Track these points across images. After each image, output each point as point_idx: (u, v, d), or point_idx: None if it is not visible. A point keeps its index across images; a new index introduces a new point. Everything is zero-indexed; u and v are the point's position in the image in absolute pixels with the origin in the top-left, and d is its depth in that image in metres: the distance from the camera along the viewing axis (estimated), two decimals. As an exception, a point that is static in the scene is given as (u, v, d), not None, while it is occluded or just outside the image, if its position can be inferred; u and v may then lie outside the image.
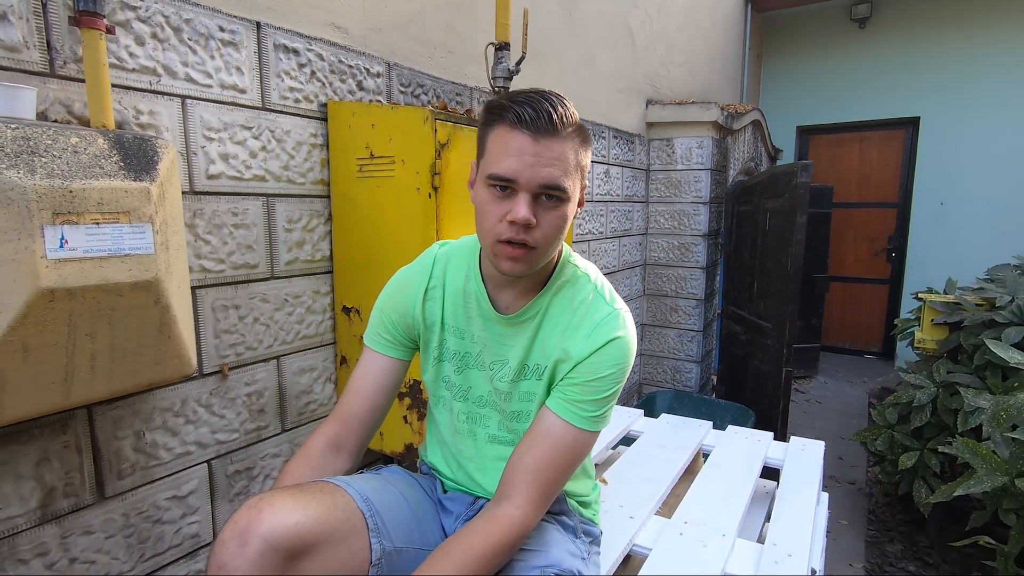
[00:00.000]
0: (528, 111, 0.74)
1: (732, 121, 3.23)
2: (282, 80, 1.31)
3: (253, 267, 1.29)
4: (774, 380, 2.79)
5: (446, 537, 0.91)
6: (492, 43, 1.70)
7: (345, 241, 1.43)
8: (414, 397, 1.36)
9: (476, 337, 0.90)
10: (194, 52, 1.14)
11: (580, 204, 0.83)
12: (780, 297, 2.74)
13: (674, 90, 3.44)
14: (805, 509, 1.22)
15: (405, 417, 1.38)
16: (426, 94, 1.71)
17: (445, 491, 0.96)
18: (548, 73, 2.30)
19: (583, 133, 0.79)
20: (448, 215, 1.28)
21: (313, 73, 1.38)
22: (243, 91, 1.23)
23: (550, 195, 0.76)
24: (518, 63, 1.71)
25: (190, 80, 1.14)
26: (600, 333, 0.82)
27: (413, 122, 1.25)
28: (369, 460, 1.61)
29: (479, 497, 0.93)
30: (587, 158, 0.81)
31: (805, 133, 5.21)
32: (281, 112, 1.31)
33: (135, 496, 1.12)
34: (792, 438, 1.62)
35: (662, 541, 1.13)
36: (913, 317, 3.09)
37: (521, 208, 0.74)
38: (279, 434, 1.39)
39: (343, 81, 1.45)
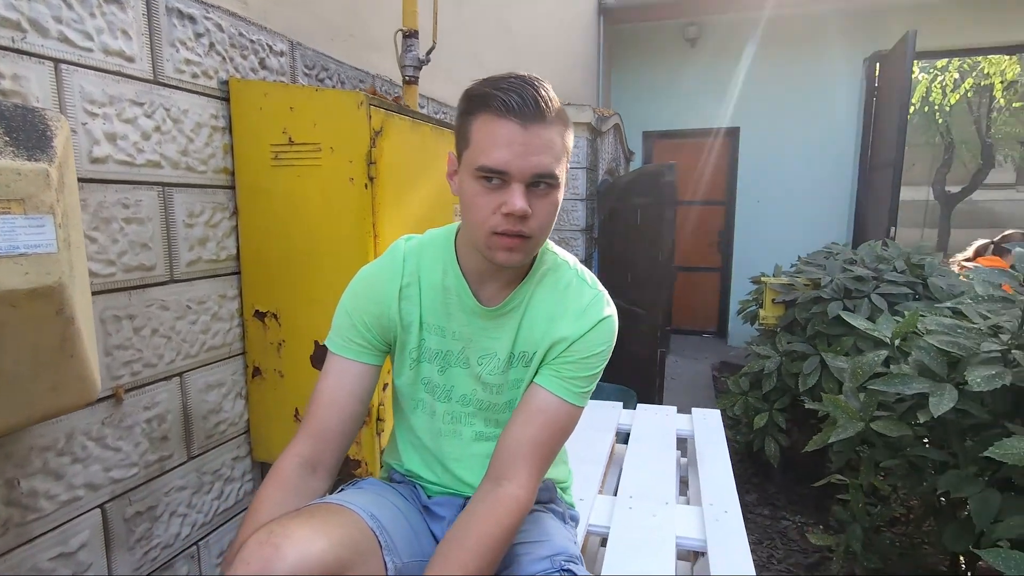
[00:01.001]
0: (515, 98, 0.72)
1: (601, 123, 3.47)
2: (177, 50, 1.12)
3: (149, 269, 1.09)
4: (649, 361, 3.07)
5: (437, 544, 0.87)
6: (401, 30, 1.63)
7: (255, 237, 1.28)
8: (349, 405, 1.26)
9: (458, 334, 0.86)
10: (69, 6, 0.93)
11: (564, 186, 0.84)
12: (653, 285, 3.01)
13: (557, 91, 3.59)
14: (724, 470, 1.38)
15: (338, 427, 1.27)
16: (331, 78, 1.58)
17: (429, 496, 0.91)
18: (440, 68, 2.26)
19: (565, 115, 0.79)
20: (384, 206, 1.21)
21: (212, 45, 1.20)
22: (131, 59, 1.04)
23: (541, 182, 0.75)
24: (428, 52, 1.66)
25: (65, 40, 0.93)
26: (590, 314, 0.84)
27: (345, 107, 1.15)
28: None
29: (469, 497, 0.90)
30: (571, 140, 0.82)
31: (650, 137, 5.77)
32: (177, 88, 1.13)
33: (8, 562, 0.89)
34: (694, 410, 1.81)
35: (616, 517, 1.19)
36: (752, 298, 3.61)
37: (518, 200, 0.72)
38: (185, 463, 1.20)
39: (245, 57, 1.29)
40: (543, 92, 0.74)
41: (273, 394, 1.32)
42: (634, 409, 1.86)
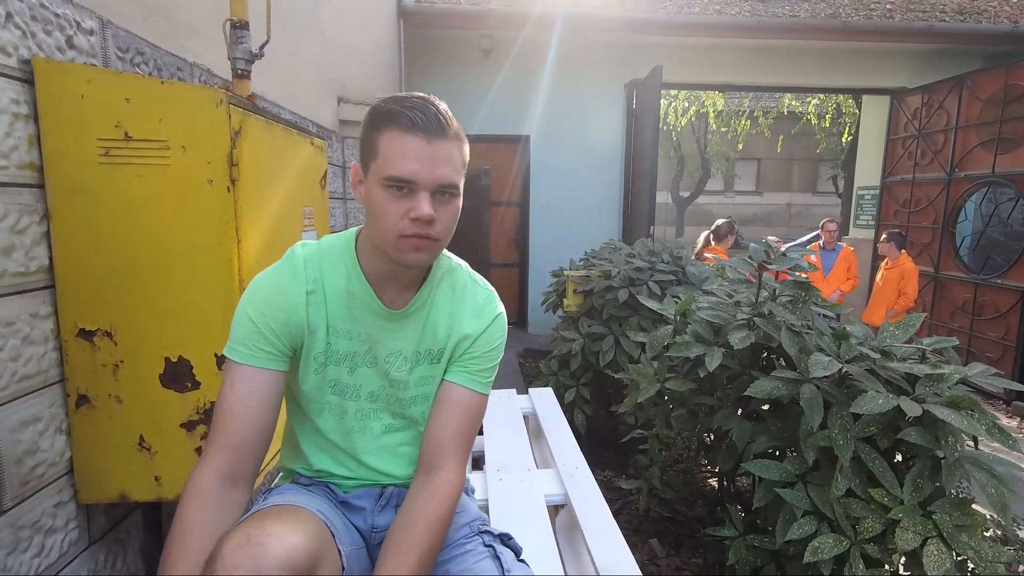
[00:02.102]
0: (419, 115, 0.81)
1: (415, 126, 3.55)
2: (-34, 19, 0.92)
3: (-58, 287, 0.88)
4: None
5: (361, 535, 0.91)
6: (230, 19, 1.52)
7: (77, 245, 1.10)
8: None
9: (364, 335, 0.91)
10: None
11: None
12: (474, 281, 3.21)
13: (358, 91, 3.55)
14: (567, 436, 1.62)
15: (199, 450, 1.18)
16: (147, 63, 1.41)
17: (345, 492, 0.93)
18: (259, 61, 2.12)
19: (462, 132, 0.90)
20: (248, 211, 1.16)
21: (9, 16, 1.00)
22: (-94, 26, 0.83)
23: (445, 191, 0.84)
24: (262, 47, 1.58)
25: None
26: (487, 311, 0.97)
27: (200, 104, 1.07)
28: (125, 513, 1.28)
29: (386, 486, 0.95)
30: (467, 154, 0.93)
31: (450, 141, 6.02)
32: (-33, 64, 0.93)
33: None
34: (530, 390, 2.05)
35: (492, 488, 1.33)
36: (553, 290, 4.08)
37: (425, 206, 0.80)
38: (-3, 518, 0.99)
39: (49, 33, 1.09)
40: (443, 110, 0.84)
41: (108, 423, 1.15)
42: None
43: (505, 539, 0.92)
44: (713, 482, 2.64)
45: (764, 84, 6.14)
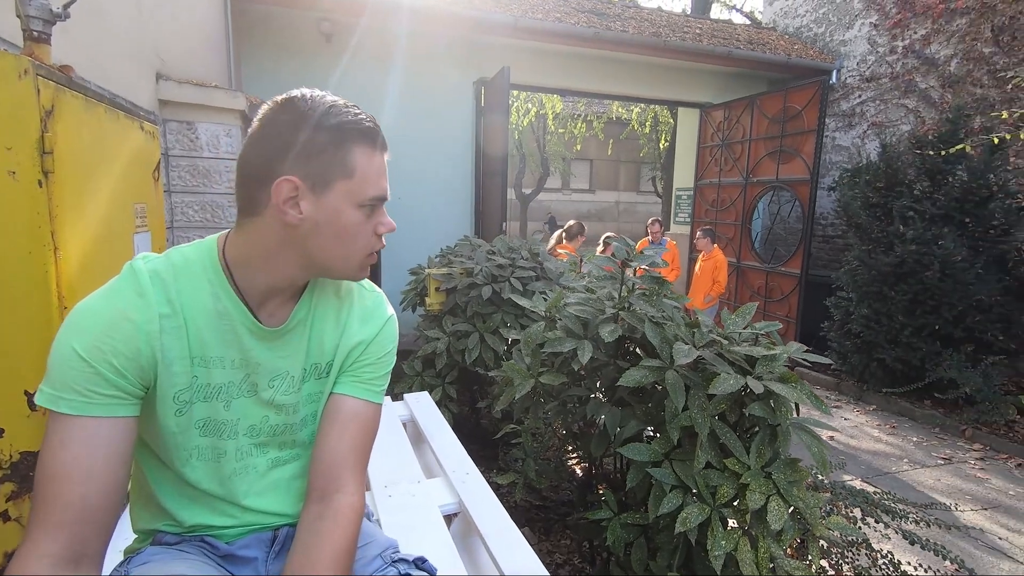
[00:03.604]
0: (376, 131, 0.78)
1: (254, 112, 3.21)
2: None
3: None
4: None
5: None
6: (19, -34, 1.21)
7: None
8: (23, 479, 0.94)
9: (240, 361, 0.78)
10: None
11: None
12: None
13: (181, 69, 3.09)
14: (451, 440, 1.59)
15: (4, 514, 0.93)
16: None
17: (228, 543, 0.79)
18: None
19: None
20: (66, 210, 0.93)
21: None
22: None
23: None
24: (68, 5, 1.29)
25: None
26: (376, 315, 0.90)
27: (-5, 73, 0.83)
28: None
29: (279, 527, 0.82)
30: None
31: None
32: None
33: None
34: (406, 396, 1.97)
35: (381, 506, 1.25)
36: (412, 288, 3.98)
37: (389, 219, 0.81)
38: None
39: None
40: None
41: None
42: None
43: (419, 563, 0.86)
44: (578, 468, 2.80)
45: (599, 91, 6.65)
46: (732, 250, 6.44)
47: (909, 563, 2.14)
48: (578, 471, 2.83)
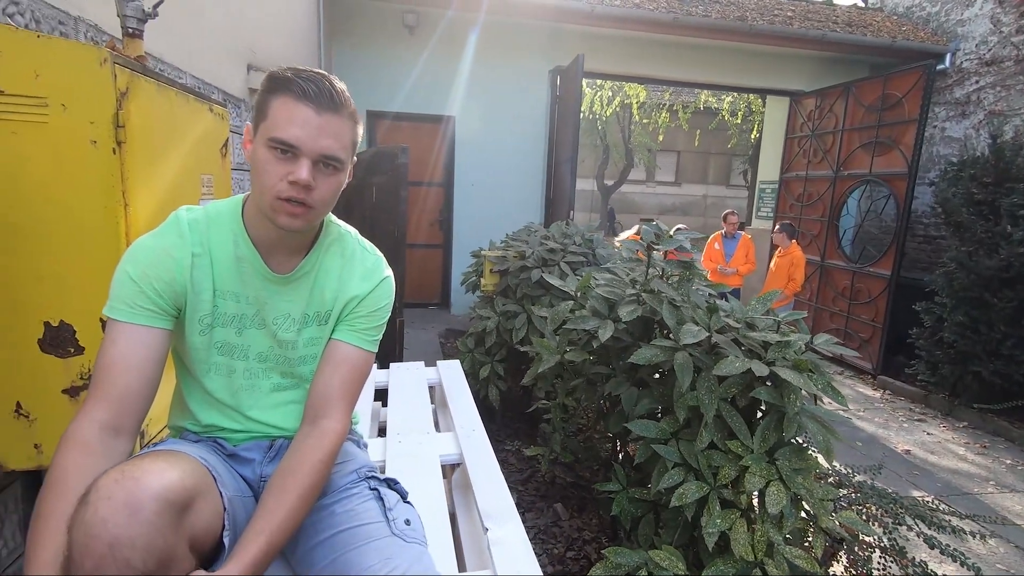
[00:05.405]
0: (313, 87, 0.85)
1: (332, 100, 3.48)
2: None
3: None
4: (389, 328, 3.31)
5: (249, 486, 0.95)
6: (120, -27, 1.45)
7: (-61, 203, 1.05)
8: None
9: (252, 298, 0.94)
10: None
11: (349, 176, 0.99)
12: (390, 259, 3.23)
13: (271, 59, 3.43)
14: (468, 403, 1.71)
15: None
16: (23, 15, 1.33)
17: (235, 445, 0.97)
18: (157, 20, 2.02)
19: (356, 114, 0.95)
20: (135, 174, 1.14)
21: None
22: None
23: (328, 163, 0.88)
24: (156, 6, 1.53)
25: None
26: (374, 274, 1.03)
27: (82, 61, 1.05)
28: (2, 484, 1.23)
29: (276, 438, 0.99)
30: (358, 136, 0.97)
31: (371, 117, 5.90)
32: None
33: None
34: (439, 363, 2.12)
35: (390, 451, 1.40)
36: (473, 270, 4.16)
37: (303, 171, 0.84)
38: None
39: (-96, -26, 1.02)
40: (338, 88, 0.88)
41: (-21, 390, 1.11)
42: (387, 369, 2.08)
43: (392, 483, 0.99)
44: (607, 446, 2.83)
45: (680, 79, 6.46)
46: (816, 247, 6.06)
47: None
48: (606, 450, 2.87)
